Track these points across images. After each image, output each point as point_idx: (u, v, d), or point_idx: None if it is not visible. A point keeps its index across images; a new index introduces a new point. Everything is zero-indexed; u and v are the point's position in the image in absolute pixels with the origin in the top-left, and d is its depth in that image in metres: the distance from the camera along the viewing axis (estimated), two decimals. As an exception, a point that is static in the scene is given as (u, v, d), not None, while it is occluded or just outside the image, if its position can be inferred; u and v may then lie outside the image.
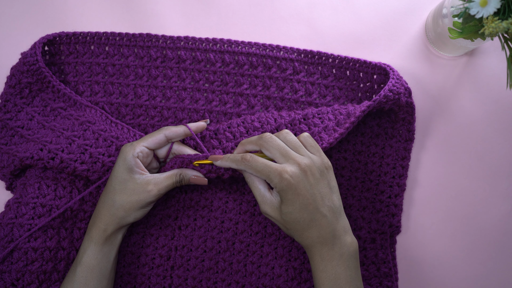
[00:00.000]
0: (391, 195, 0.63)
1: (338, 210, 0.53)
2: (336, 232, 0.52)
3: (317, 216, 0.51)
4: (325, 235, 0.51)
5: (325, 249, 0.51)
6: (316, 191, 0.51)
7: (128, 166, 0.54)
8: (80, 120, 0.60)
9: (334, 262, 0.51)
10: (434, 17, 0.63)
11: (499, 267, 0.64)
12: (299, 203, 0.51)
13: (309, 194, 0.51)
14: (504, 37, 0.49)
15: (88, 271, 0.53)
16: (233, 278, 0.61)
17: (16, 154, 0.59)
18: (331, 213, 0.52)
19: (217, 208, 0.62)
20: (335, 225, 0.52)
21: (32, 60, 0.60)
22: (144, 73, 0.64)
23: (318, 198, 0.51)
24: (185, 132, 0.58)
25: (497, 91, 0.66)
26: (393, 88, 0.59)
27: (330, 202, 0.52)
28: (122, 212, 0.54)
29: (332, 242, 0.51)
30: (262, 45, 0.64)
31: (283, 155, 0.52)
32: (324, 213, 0.51)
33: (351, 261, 0.52)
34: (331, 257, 0.51)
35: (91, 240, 0.54)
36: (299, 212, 0.51)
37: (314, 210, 0.51)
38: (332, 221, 0.52)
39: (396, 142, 0.64)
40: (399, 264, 0.64)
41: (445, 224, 0.65)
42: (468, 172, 0.65)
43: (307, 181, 0.51)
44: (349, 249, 0.52)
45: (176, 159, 0.57)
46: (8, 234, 0.56)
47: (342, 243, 0.52)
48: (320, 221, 0.51)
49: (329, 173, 0.53)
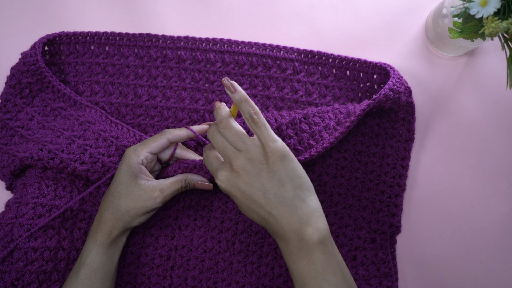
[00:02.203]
0: (391, 195, 0.63)
1: (292, 201, 0.48)
2: (290, 226, 0.47)
3: (263, 214, 0.48)
4: (277, 231, 0.48)
5: (283, 244, 0.48)
6: (255, 189, 0.48)
7: (133, 172, 0.54)
8: (80, 120, 0.60)
9: (294, 257, 0.48)
10: (434, 17, 0.63)
11: (499, 267, 0.64)
12: (240, 203, 0.49)
13: (246, 196, 0.48)
14: (504, 37, 0.49)
15: (92, 273, 0.53)
16: (233, 278, 0.61)
17: (16, 154, 0.59)
18: (280, 208, 0.48)
19: (217, 208, 0.62)
20: (288, 219, 0.47)
21: (32, 60, 0.60)
22: (144, 73, 0.64)
23: (258, 196, 0.48)
24: (188, 135, 0.58)
25: (497, 91, 0.66)
26: (394, 87, 0.59)
27: (277, 197, 0.48)
28: (128, 217, 0.54)
29: (285, 237, 0.48)
30: (262, 45, 0.64)
31: (222, 153, 0.50)
32: (269, 210, 0.48)
33: (313, 254, 0.47)
34: (290, 252, 0.48)
35: (96, 243, 0.54)
36: (246, 212, 0.50)
37: (258, 208, 0.48)
38: (282, 215, 0.47)
39: (396, 142, 0.64)
40: (399, 264, 0.64)
41: (445, 224, 0.65)
42: (468, 172, 0.65)
43: (241, 182, 0.48)
44: (308, 242, 0.47)
45: (180, 164, 0.57)
46: (8, 234, 0.56)
47: (298, 237, 0.47)
48: (267, 219, 0.48)
49: (276, 162, 0.48)
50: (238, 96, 0.49)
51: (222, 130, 0.49)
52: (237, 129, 0.49)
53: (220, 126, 0.50)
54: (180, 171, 0.57)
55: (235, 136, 0.49)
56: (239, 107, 0.49)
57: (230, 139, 0.49)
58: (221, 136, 0.50)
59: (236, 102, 0.49)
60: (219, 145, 0.50)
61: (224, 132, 0.49)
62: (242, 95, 0.49)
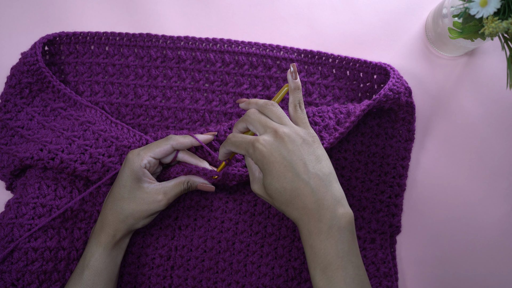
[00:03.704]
0: (391, 195, 0.63)
1: (328, 178, 0.48)
2: (324, 202, 0.47)
3: (298, 184, 0.48)
4: (309, 205, 0.47)
5: (312, 221, 0.47)
6: (296, 157, 0.48)
7: (136, 176, 0.54)
8: (80, 120, 0.60)
9: (322, 236, 0.47)
10: (434, 17, 0.63)
11: (499, 267, 0.64)
12: (276, 171, 0.48)
13: (286, 161, 0.48)
14: (504, 37, 0.49)
15: (96, 275, 0.54)
16: (233, 278, 0.61)
17: (16, 154, 0.59)
18: (317, 180, 0.48)
19: (217, 208, 0.62)
20: (323, 194, 0.47)
21: (32, 60, 0.60)
22: (144, 73, 0.64)
23: (298, 164, 0.48)
24: (192, 142, 0.58)
25: (497, 91, 0.66)
26: (393, 87, 0.59)
27: (316, 169, 0.48)
28: (132, 220, 0.55)
29: (318, 213, 0.47)
30: (262, 45, 0.64)
31: (262, 126, 0.50)
32: (307, 180, 0.48)
33: (344, 234, 0.47)
34: (318, 230, 0.47)
35: (100, 245, 0.54)
36: (278, 181, 0.48)
37: (294, 177, 0.48)
38: (318, 188, 0.47)
39: (396, 142, 0.64)
40: (399, 264, 0.64)
41: (445, 224, 0.65)
42: (468, 172, 0.65)
43: (284, 148, 0.48)
44: (340, 221, 0.47)
45: (182, 167, 0.57)
46: (8, 234, 0.56)
47: (331, 214, 0.47)
48: (302, 190, 0.47)
49: (315, 143, 0.50)
50: (297, 83, 0.54)
51: (270, 107, 0.52)
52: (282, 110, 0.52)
53: (268, 104, 0.52)
54: (182, 174, 0.57)
55: (282, 113, 0.52)
56: (292, 93, 0.53)
57: (276, 114, 0.51)
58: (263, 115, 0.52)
59: (292, 87, 0.53)
60: (262, 120, 0.51)
61: (272, 108, 0.52)
62: (299, 83, 0.54)
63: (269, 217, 0.62)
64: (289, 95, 0.54)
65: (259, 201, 0.63)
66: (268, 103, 0.52)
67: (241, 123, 0.53)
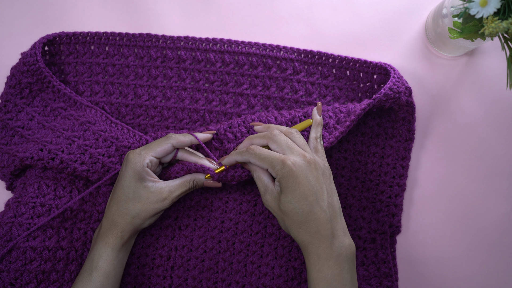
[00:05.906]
0: (391, 195, 0.63)
1: (339, 211, 0.52)
2: (335, 231, 0.51)
3: (316, 209, 0.50)
4: (323, 232, 0.50)
5: (323, 246, 0.50)
6: (319, 185, 0.51)
7: (139, 175, 0.54)
8: (80, 120, 0.60)
9: (331, 262, 0.50)
10: (434, 17, 0.63)
11: (499, 267, 0.64)
12: (299, 192, 0.50)
13: (310, 185, 0.50)
14: (504, 37, 0.49)
15: (105, 276, 0.54)
16: (233, 278, 0.61)
17: (16, 154, 0.59)
18: (331, 210, 0.51)
19: (217, 208, 0.62)
20: (335, 224, 0.51)
21: (32, 60, 0.60)
22: (144, 73, 0.64)
23: (320, 191, 0.51)
24: (192, 141, 0.58)
25: (497, 91, 0.66)
26: (394, 87, 0.59)
27: (332, 200, 0.52)
28: (138, 220, 0.55)
29: (330, 240, 0.50)
30: (262, 45, 0.64)
31: (289, 148, 0.52)
32: (324, 207, 0.50)
33: (348, 264, 0.50)
34: (328, 256, 0.50)
35: (108, 246, 0.54)
36: (298, 202, 0.50)
37: (314, 202, 0.50)
38: (331, 218, 0.51)
39: (396, 142, 0.64)
40: (399, 264, 0.64)
41: (445, 224, 0.65)
42: (468, 172, 0.65)
43: (310, 172, 0.51)
44: (347, 251, 0.51)
45: (183, 166, 0.57)
46: (7, 233, 0.56)
47: (340, 243, 0.50)
48: (319, 215, 0.50)
49: (331, 176, 0.54)
50: (320, 120, 0.58)
51: (295, 134, 0.55)
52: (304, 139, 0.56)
53: (293, 131, 0.55)
54: (183, 173, 0.57)
55: (305, 141, 0.55)
56: (315, 127, 0.58)
57: (301, 142, 0.54)
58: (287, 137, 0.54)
59: (315, 122, 0.58)
60: (289, 142, 0.53)
61: (297, 136, 0.55)
62: (322, 120, 0.58)
63: (269, 217, 0.62)
64: (311, 129, 0.57)
65: (259, 201, 0.63)
66: (293, 130, 0.55)
67: (260, 139, 0.54)
